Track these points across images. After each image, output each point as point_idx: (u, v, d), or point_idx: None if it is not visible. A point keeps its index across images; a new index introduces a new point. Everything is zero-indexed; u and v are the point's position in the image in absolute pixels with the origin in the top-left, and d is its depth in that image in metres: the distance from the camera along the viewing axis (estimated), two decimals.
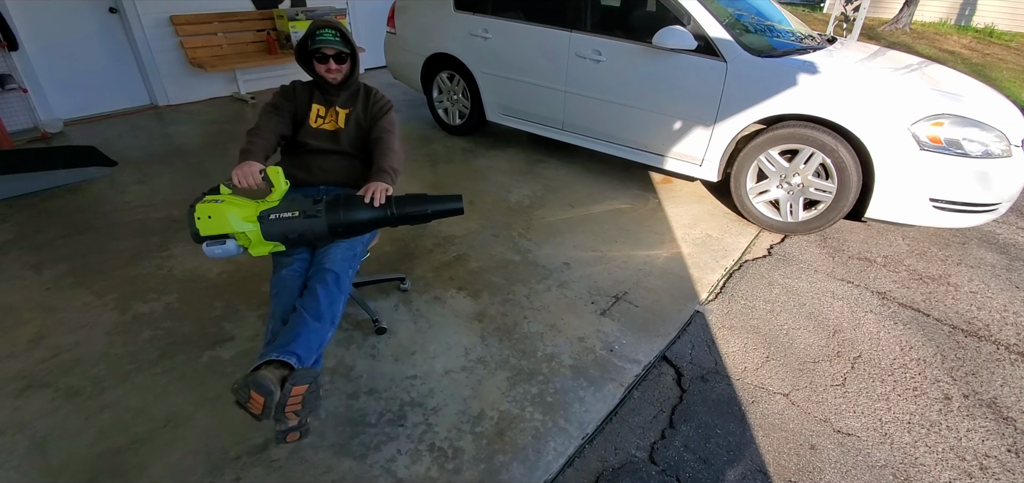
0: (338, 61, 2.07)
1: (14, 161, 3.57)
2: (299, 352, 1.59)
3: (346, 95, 2.19)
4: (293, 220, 1.76)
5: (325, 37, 2.01)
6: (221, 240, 1.74)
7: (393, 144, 2.11)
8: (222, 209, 1.71)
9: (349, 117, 2.16)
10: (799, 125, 3.02)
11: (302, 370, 1.55)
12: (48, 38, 4.54)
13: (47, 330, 2.33)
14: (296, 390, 1.48)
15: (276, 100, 2.15)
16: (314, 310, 1.71)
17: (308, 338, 1.64)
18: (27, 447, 1.80)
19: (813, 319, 2.57)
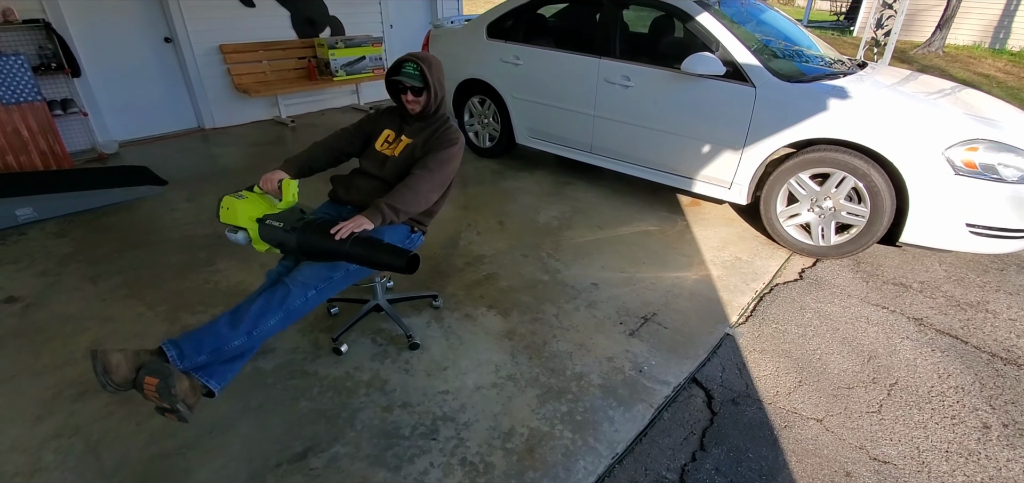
0: (415, 93, 2.16)
1: (74, 180, 3.82)
2: (184, 347, 1.69)
3: (419, 126, 2.25)
4: (277, 230, 1.93)
5: (405, 70, 2.14)
6: (234, 229, 2.02)
7: (417, 181, 2.06)
8: (238, 204, 1.98)
9: (407, 148, 2.21)
10: (830, 149, 3.01)
11: (158, 364, 1.60)
12: (108, 65, 4.86)
13: (104, 338, 2.48)
14: (149, 380, 1.57)
15: (358, 121, 2.36)
16: (236, 315, 1.78)
17: (205, 339, 1.72)
18: (82, 450, 1.91)
19: (847, 344, 2.54)
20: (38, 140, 4.20)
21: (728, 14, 3.51)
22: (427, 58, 2.16)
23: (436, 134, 2.21)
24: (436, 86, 2.16)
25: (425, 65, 2.13)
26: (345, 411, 2.09)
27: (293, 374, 2.28)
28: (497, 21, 4.40)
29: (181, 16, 5.08)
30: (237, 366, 1.84)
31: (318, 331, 2.54)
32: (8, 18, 4.09)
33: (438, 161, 2.13)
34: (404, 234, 2.23)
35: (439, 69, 2.20)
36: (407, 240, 2.25)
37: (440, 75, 2.20)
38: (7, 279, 2.92)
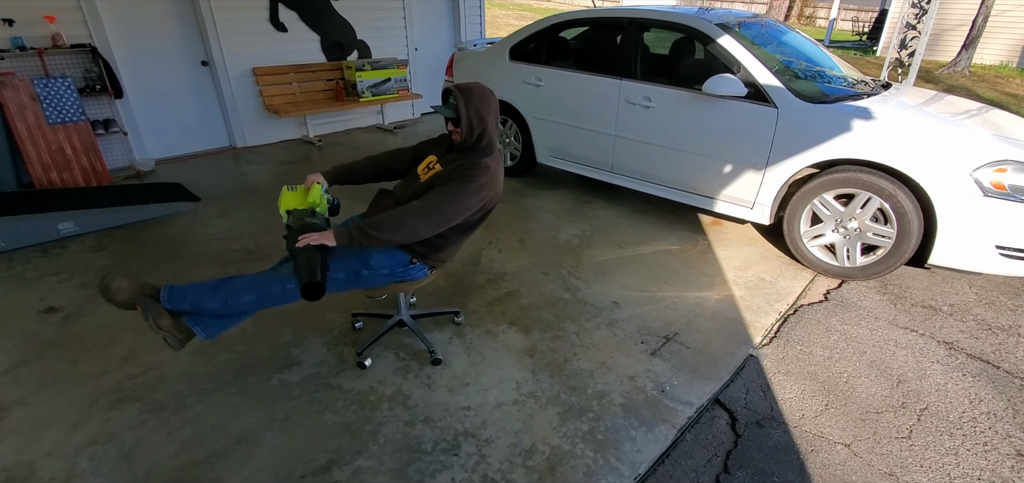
0: (455, 123, 2.13)
1: (113, 196, 3.99)
2: (172, 293, 2.00)
3: (455, 155, 2.17)
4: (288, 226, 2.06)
5: (448, 102, 2.14)
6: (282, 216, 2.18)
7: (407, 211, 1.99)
8: (283, 195, 2.17)
9: (436, 175, 2.16)
10: (855, 169, 2.99)
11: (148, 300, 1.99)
12: (148, 87, 5.08)
13: (137, 349, 2.56)
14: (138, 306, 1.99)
15: (417, 143, 2.43)
16: (221, 283, 2.01)
17: (188, 293, 2.00)
18: (116, 456, 1.98)
19: (875, 368, 2.49)
20: (81, 158, 4.40)
21: (748, 36, 3.53)
22: (469, 89, 2.10)
23: (460, 167, 2.08)
24: (472, 118, 2.06)
25: (462, 97, 2.07)
26: (368, 425, 2.12)
27: (318, 387, 2.32)
28: (520, 44, 4.49)
29: (218, 41, 5.31)
30: (225, 324, 2.07)
31: (343, 345, 2.59)
32: (57, 43, 4.33)
33: (442, 195, 2.00)
34: (403, 262, 2.17)
35: (482, 101, 2.09)
36: (403, 269, 2.18)
37: (480, 107, 2.08)
38: (49, 290, 3.04)
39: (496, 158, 2.18)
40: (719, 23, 3.51)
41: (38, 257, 3.41)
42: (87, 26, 4.53)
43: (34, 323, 2.75)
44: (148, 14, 4.93)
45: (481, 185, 2.05)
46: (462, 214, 2.05)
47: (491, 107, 2.13)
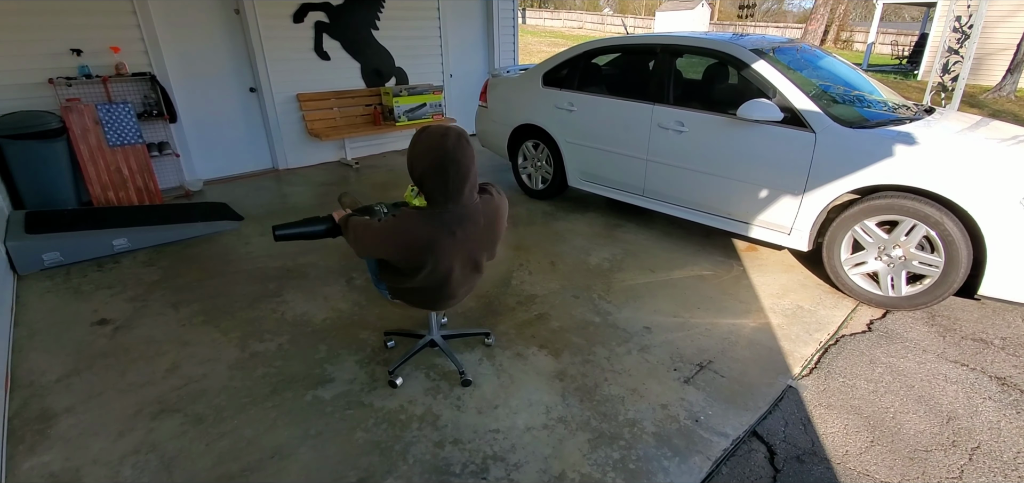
0: None
1: (164, 214, 4.20)
2: None
3: None
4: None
5: None
6: None
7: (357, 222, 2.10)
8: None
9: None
10: (898, 196, 2.89)
11: None
12: (199, 112, 5.38)
13: (181, 361, 2.67)
14: None
15: None
16: None
17: None
18: (157, 466, 2.04)
19: (923, 403, 2.36)
20: (136, 178, 4.66)
21: (784, 61, 3.49)
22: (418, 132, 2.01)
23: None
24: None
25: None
26: (398, 444, 2.14)
27: (350, 404, 2.36)
28: (553, 70, 4.56)
29: (266, 69, 5.60)
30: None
31: (375, 363, 2.63)
32: (120, 71, 4.64)
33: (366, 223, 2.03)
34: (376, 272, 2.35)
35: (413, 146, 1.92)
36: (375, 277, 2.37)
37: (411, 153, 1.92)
38: (102, 302, 3.21)
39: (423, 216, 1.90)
40: (753, 48, 3.49)
41: (93, 271, 3.60)
42: (148, 56, 4.84)
43: (87, 334, 2.90)
44: (204, 45, 5.25)
45: (387, 229, 1.94)
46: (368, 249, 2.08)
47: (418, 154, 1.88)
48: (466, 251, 2.05)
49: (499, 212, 2.10)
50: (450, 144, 1.83)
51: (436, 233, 1.92)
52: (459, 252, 2.02)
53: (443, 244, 1.94)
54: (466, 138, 1.90)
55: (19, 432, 2.20)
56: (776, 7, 39.62)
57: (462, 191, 1.89)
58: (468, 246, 2.03)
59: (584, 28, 31.70)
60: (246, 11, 5.28)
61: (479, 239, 2.06)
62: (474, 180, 1.94)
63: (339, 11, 5.97)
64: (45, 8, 4.29)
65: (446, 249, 1.96)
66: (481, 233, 2.04)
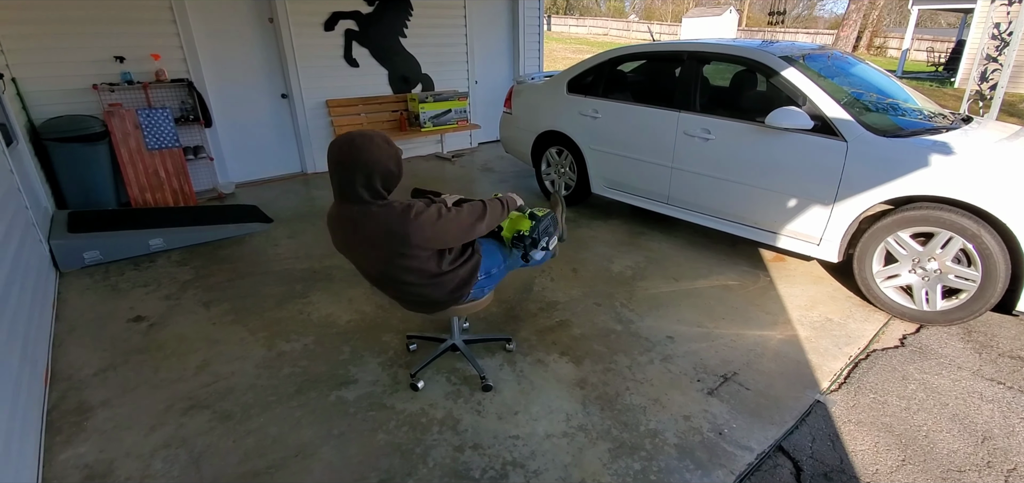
0: None
1: (197, 216, 4.34)
2: None
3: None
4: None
5: None
6: None
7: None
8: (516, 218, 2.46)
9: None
10: (934, 207, 2.79)
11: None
12: (233, 117, 5.56)
13: (211, 359, 2.75)
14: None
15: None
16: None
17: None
18: (186, 461, 2.10)
19: (958, 422, 2.27)
20: (172, 180, 4.83)
21: (814, 68, 3.42)
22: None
23: None
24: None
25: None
26: (419, 447, 2.16)
27: (372, 406, 2.39)
28: (577, 77, 4.56)
29: (297, 76, 5.75)
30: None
31: (397, 366, 2.67)
32: (160, 78, 4.82)
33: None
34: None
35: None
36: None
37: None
38: (138, 300, 3.33)
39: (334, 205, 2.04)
40: (783, 55, 3.43)
41: (130, 269, 3.74)
42: (186, 63, 5.03)
43: (123, 330, 3.01)
44: (239, 53, 5.43)
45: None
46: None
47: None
48: (360, 254, 2.06)
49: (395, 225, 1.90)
50: (337, 144, 1.91)
51: (331, 221, 2.07)
52: (354, 252, 2.07)
53: (336, 234, 2.07)
54: (360, 142, 1.86)
55: (57, 424, 2.30)
56: (806, 13, 38.79)
57: (341, 190, 1.93)
58: (357, 249, 2.04)
59: (609, 35, 31.58)
60: (280, 20, 5.44)
61: (360, 246, 2.00)
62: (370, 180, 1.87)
63: (369, 19, 6.09)
64: (93, 17, 4.51)
65: (339, 241, 2.08)
66: (360, 240, 1.98)
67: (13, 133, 3.88)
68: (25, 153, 4.02)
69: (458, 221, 2.01)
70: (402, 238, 1.91)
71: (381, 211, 1.91)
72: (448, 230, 1.99)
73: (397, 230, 1.90)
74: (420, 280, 2.08)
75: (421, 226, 1.91)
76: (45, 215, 3.98)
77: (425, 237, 1.94)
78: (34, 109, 4.38)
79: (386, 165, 1.90)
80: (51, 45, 4.38)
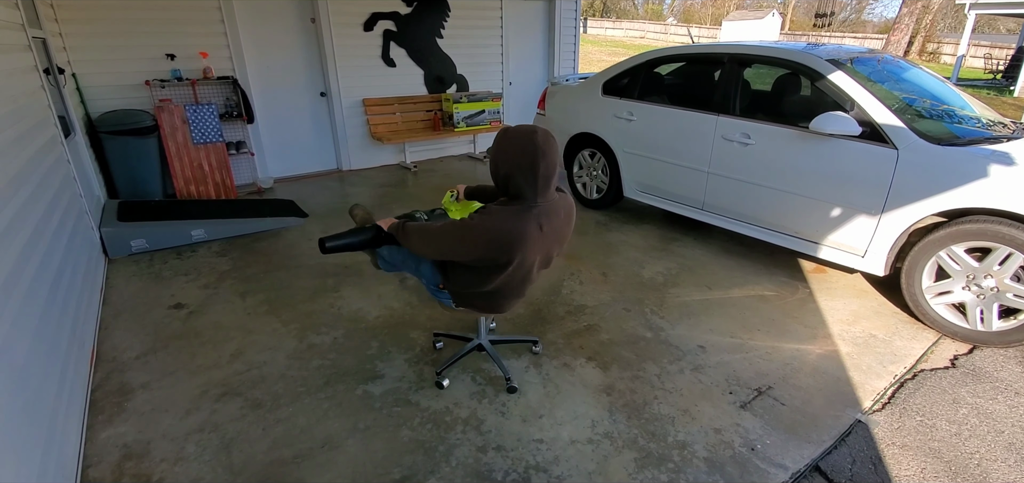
0: None
1: (237, 209, 4.48)
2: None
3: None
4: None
5: None
6: None
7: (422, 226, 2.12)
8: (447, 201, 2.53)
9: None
10: (992, 221, 2.62)
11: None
12: (274, 114, 5.73)
13: (245, 347, 2.82)
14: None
15: None
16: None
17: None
18: (217, 446, 2.16)
19: (1014, 452, 2.12)
20: (215, 174, 5.01)
21: (863, 72, 3.27)
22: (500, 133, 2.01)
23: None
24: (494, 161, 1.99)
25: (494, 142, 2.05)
26: (442, 445, 2.16)
27: (398, 402, 2.41)
28: (613, 79, 4.50)
29: (336, 75, 5.89)
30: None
31: (423, 363, 2.68)
32: (207, 75, 5.02)
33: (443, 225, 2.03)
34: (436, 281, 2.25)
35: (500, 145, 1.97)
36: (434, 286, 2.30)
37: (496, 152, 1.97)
38: (179, 288, 3.46)
39: (512, 211, 1.91)
40: (830, 58, 3.29)
41: (173, 258, 3.89)
42: (232, 61, 5.21)
43: (164, 316, 3.12)
44: (282, 52, 5.60)
45: (471, 226, 1.91)
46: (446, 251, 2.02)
47: (506, 150, 1.91)
48: (547, 246, 2.05)
49: (573, 206, 2.15)
50: (540, 140, 1.88)
51: (527, 227, 1.90)
52: (543, 247, 2.03)
53: (532, 238, 1.93)
54: (553, 136, 1.96)
55: (100, 404, 2.40)
56: (854, 17, 37.33)
57: (550, 186, 1.95)
58: (549, 241, 2.04)
59: (646, 38, 31.17)
60: (321, 20, 5.58)
61: (560, 233, 2.09)
62: (558, 176, 2.02)
63: (407, 20, 6.18)
64: (148, 18, 4.72)
65: (535, 243, 1.95)
66: (561, 227, 2.07)
67: (71, 125, 4.10)
68: (81, 145, 4.23)
69: None
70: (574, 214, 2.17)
71: (569, 194, 2.15)
72: None
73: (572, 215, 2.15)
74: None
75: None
76: (97, 204, 4.18)
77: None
78: (91, 103, 4.61)
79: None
80: (108, 43, 4.61)
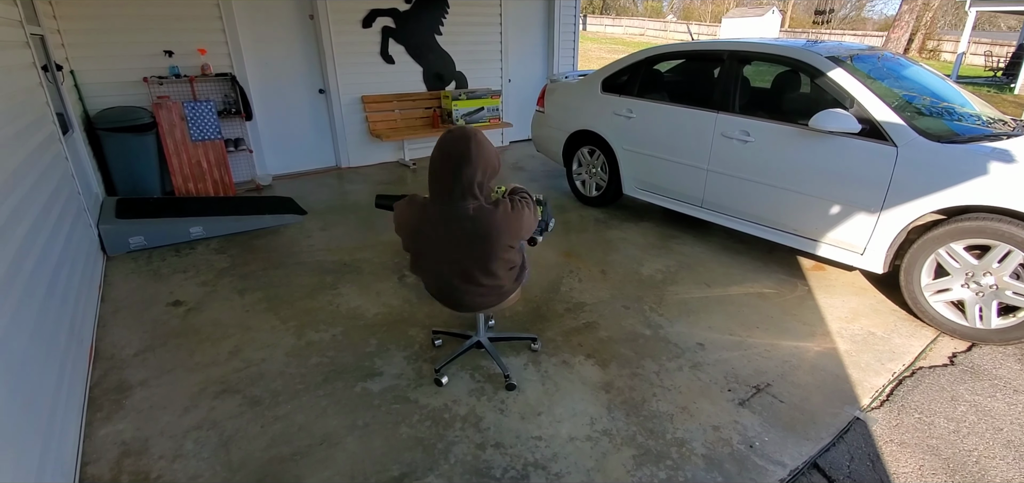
0: None
1: (236, 206, 4.47)
2: None
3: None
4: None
5: None
6: None
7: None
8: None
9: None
10: (992, 218, 2.62)
11: None
12: (273, 111, 5.72)
13: (243, 345, 2.82)
14: None
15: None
16: None
17: None
18: (216, 443, 2.16)
19: (1013, 449, 2.12)
20: (213, 171, 5.00)
21: (863, 69, 3.26)
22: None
23: None
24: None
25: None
26: (441, 442, 2.16)
27: (396, 399, 2.40)
28: (612, 76, 4.49)
29: (334, 72, 5.87)
30: None
31: (422, 361, 2.67)
32: (205, 72, 5.00)
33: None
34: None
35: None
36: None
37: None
38: (177, 285, 3.45)
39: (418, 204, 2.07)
40: (830, 55, 3.29)
41: (172, 255, 3.88)
42: (230, 58, 5.19)
43: (163, 314, 3.12)
44: (280, 49, 5.58)
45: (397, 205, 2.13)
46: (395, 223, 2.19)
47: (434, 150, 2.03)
48: (454, 254, 2.04)
49: (493, 226, 1.96)
50: (447, 141, 1.90)
51: (421, 223, 2.03)
52: (446, 252, 2.05)
53: (427, 235, 2.03)
54: (473, 141, 1.90)
55: (98, 401, 2.39)
56: (854, 14, 37.25)
57: (450, 190, 1.92)
58: (454, 250, 2.03)
59: (645, 35, 31.13)
60: (319, 16, 5.56)
61: (465, 246, 2.01)
62: (469, 184, 1.91)
63: (405, 17, 6.16)
64: (147, 14, 4.70)
65: (431, 242, 2.04)
66: (467, 240, 1.99)
67: (69, 122, 4.09)
68: (79, 142, 4.22)
69: (530, 212, 2.09)
70: (515, 233, 2.03)
71: (502, 213, 1.98)
72: (529, 221, 2.09)
73: (511, 226, 2.00)
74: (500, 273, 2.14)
75: (526, 219, 2.05)
76: (95, 201, 4.17)
77: (522, 230, 2.06)
78: (89, 100, 4.60)
79: (495, 164, 2.00)
80: (107, 40, 4.59)
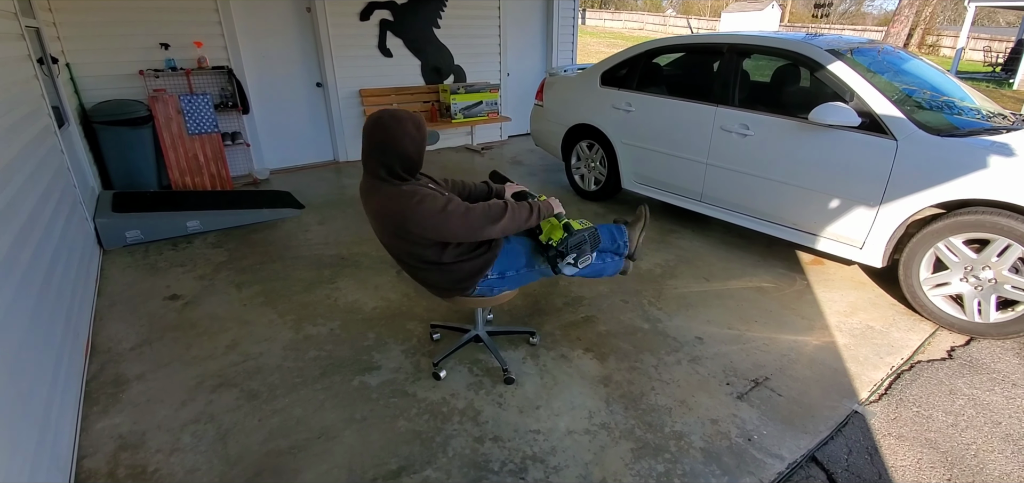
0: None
1: (233, 200, 4.46)
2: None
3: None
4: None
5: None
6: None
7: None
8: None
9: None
10: (991, 212, 2.62)
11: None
12: (270, 105, 5.69)
13: (240, 339, 2.81)
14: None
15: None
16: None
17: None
18: (213, 437, 2.15)
19: (1011, 443, 2.12)
20: (210, 165, 4.97)
21: (863, 63, 3.25)
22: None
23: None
24: None
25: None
26: (439, 436, 2.15)
27: (395, 393, 2.40)
28: (611, 69, 4.47)
29: (332, 65, 5.84)
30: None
31: (420, 354, 2.67)
32: (201, 65, 4.97)
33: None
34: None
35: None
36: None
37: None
38: (174, 279, 3.44)
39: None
40: (830, 49, 3.27)
41: (169, 249, 3.87)
42: (227, 51, 5.16)
43: (160, 307, 3.11)
44: (277, 42, 5.55)
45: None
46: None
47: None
48: (375, 225, 2.13)
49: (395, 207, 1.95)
50: (371, 120, 1.96)
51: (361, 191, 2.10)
52: (373, 223, 2.13)
53: (364, 203, 2.10)
54: (392, 121, 1.93)
55: (95, 395, 2.38)
56: (854, 8, 37.22)
57: (367, 164, 2.00)
58: (372, 220, 2.12)
59: (644, 29, 31.06)
60: (317, 9, 5.52)
61: (374, 219, 2.10)
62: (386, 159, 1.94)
63: (403, 10, 6.13)
64: (143, 6, 4.66)
65: (367, 210, 2.10)
66: (372, 213, 2.07)
67: (65, 116, 4.06)
68: (75, 135, 4.19)
69: (465, 219, 1.96)
70: (401, 222, 1.96)
71: (390, 190, 1.96)
72: (450, 225, 1.95)
73: (396, 212, 1.95)
74: (420, 264, 2.14)
75: (421, 215, 1.92)
76: (92, 195, 4.15)
77: (423, 227, 1.95)
78: (85, 93, 4.57)
79: (406, 150, 1.95)
80: (102, 32, 4.56)
